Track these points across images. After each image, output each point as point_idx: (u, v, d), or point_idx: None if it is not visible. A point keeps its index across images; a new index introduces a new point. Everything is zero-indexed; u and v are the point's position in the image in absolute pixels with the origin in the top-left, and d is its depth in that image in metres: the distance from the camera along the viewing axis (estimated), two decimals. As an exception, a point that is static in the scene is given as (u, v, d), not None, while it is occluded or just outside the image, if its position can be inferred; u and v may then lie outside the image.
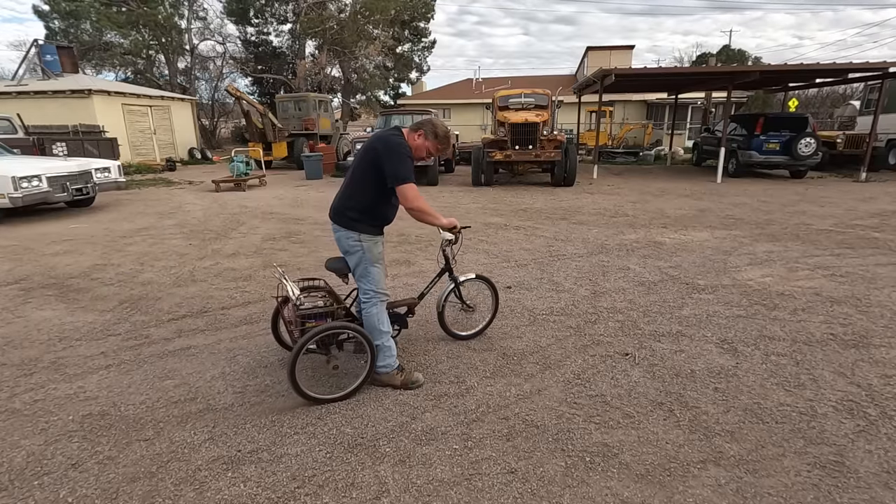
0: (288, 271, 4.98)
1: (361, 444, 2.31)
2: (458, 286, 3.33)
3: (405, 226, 7.19)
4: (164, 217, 8.04)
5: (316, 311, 2.73)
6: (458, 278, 3.31)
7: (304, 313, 2.68)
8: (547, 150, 10.81)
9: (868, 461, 2.15)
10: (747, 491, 1.99)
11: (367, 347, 2.70)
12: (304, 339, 2.52)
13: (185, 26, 25.82)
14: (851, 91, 27.07)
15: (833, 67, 11.38)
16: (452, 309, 3.45)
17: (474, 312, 3.49)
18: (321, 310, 2.74)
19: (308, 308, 2.71)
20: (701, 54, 36.39)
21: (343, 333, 2.76)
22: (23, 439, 2.35)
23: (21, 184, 7.07)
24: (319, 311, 2.73)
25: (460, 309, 3.45)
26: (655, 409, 2.57)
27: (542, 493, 1.99)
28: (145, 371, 3.00)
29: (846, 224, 7.02)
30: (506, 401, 2.66)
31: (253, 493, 2.01)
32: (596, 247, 5.91)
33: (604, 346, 3.28)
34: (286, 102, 17.09)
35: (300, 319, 2.67)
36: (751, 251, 5.61)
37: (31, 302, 4.19)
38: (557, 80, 25.31)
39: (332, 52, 24.23)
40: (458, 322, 3.55)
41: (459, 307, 3.43)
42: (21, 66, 18.21)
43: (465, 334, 3.45)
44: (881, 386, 2.75)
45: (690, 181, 12.07)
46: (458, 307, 3.43)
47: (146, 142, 17.35)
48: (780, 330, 3.50)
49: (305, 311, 2.69)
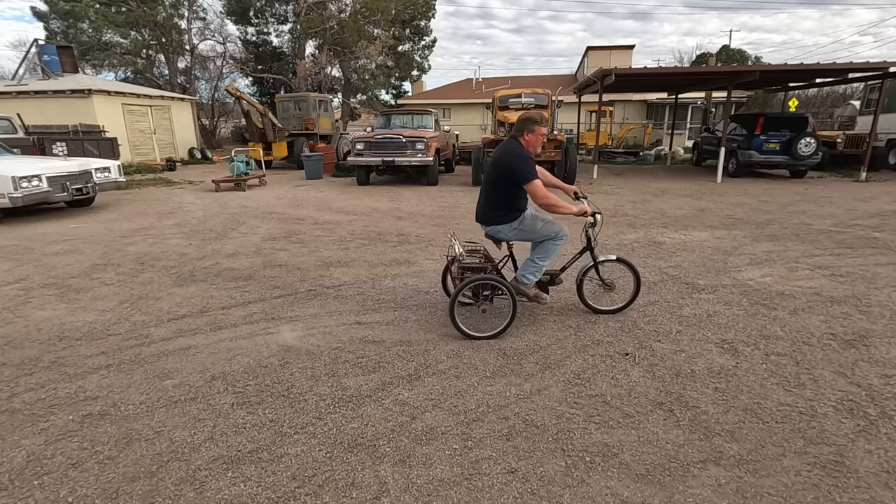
0: (288, 271, 4.98)
1: (361, 444, 2.31)
2: (598, 265, 3.69)
3: (405, 226, 7.19)
4: (164, 217, 8.04)
5: (473, 265, 3.52)
6: (598, 257, 3.69)
7: (464, 266, 3.50)
8: (547, 150, 10.81)
9: (868, 461, 2.15)
10: (747, 491, 1.99)
11: (511, 300, 3.35)
12: (462, 284, 3.31)
13: (184, 26, 25.82)
14: (851, 91, 27.07)
15: (833, 67, 11.37)
16: (591, 285, 3.81)
17: (613, 291, 3.79)
18: (477, 265, 3.52)
19: (468, 263, 3.53)
20: (701, 54, 36.39)
21: (492, 285, 3.37)
22: (23, 439, 2.35)
23: (21, 184, 7.07)
24: (476, 266, 3.51)
25: (598, 285, 3.77)
26: (655, 408, 2.57)
27: (542, 493, 1.99)
28: (145, 371, 3.00)
29: (846, 224, 7.02)
30: (506, 401, 2.66)
31: (253, 493, 2.01)
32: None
33: (604, 346, 3.28)
34: (286, 102, 17.09)
35: (461, 270, 3.48)
36: (751, 251, 5.61)
37: (31, 302, 4.19)
38: (557, 80, 25.31)
39: (332, 52, 24.20)
40: (597, 298, 3.87)
41: (598, 284, 3.76)
42: (21, 65, 18.23)
43: (602, 308, 3.82)
44: (881, 386, 2.75)
45: (690, 181, 12.07)
46: (598, 284, 3.77)
47: (146, 142, 17.35)
48: (780, 330, 3.50)
49: (465, 264, 3.52)
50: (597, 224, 3.50)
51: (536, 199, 3.25)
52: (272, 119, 15.38)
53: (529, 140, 3.35)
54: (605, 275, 3.75)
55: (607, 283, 3.75)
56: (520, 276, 3.52)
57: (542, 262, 3.50)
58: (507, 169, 3.30)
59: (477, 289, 3.38)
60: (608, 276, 3.77)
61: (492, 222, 3.50)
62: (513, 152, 3.33)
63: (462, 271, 3.48)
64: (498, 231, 3.51)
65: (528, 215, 3.45)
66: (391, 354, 3.19)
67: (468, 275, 3.44)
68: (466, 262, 3.54)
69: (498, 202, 3.44)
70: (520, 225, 3.43)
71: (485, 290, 3.41)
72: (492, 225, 3.51)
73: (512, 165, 3.28)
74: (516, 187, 3.31)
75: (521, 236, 3.50)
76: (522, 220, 3.43)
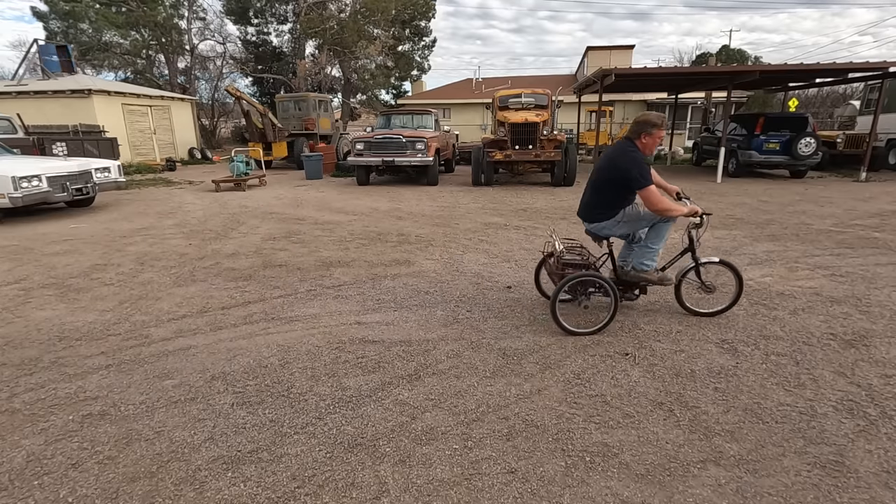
0: (288, 271, 4.98)
1: (361, 444, 2.31)
2: (699, 266, 3.61)
3: (405, 226, 7.19)
4: (164, 217, 8.04)
5: (574, 261, 3.54)
6: (699, 259, 3.60)
7: (565, 262, 3.52)
8: (547, 150, 10.81)
9: (868, 461, 2.15)
10: (747, 491, 1.99)
11: (612, 296, 3.34)
12: (564, 281, 3.30)
13: (184, 26, 25.82)
14: (851, 91, 27.07)
15: (833, 67, 11.37)
16: (689, 287, 3.72)
17: (712, 294, 3.71)
18: (578, 261, 3.54)
19: (569, 259, 3.54)
20: (701, 54, 36.39)
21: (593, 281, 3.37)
22: (23, 439, 2.35)
23: (21, 184, 7.07)
24: (577, 262, 3.53)
25: (697, 288, 3.69)
26: (655, 408, 2.57)
27: (542, 493, 1.99)
28: (145, 371, 3.00)
29: (846, 224, 7.02)
30: (506, 401, 2.66)
31: (253, 493, 2.01)
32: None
33: (604, 346, 3.28)
34: (286, 102, 17.09)
35: (561, 266, 3.48)
36: (751, 251, 5.61)
37: (31, 302, 4.19)
38: (557, 80, 25.31)
39: (332, 52, 24.21)
40: (696, 300, 3.81)
41: (697, 286, 3.67)
42: (21, 65, 18.23)
43: (701, 311, 3.73)
44: (881, 386, 2.75)
45: (690, 181, 12.06)
46: (696, 286, 3.68)
47: (146, 142, 17.36)
48: (780, 330, 3.50)
49: (567, 260, 3.53)
50: (703, 225, 3.42)
51: (651, 204, 3.20)
52: (272, 119, 15.38)
53: (646, 143, 3.30)
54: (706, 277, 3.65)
55: (707, 285, 3.66)
56: (637, 265, 3.49)
57: (656, 245, 3.45)
58: (621, 172, 3.26)
59: (576, 285, 3.37)
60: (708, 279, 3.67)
61: (595, 219, 3.51)
62: (627, 155, 3.28)
63: (563, 267, 3.49)
64: (602, 227, 3.50)
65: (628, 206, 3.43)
66: (391, 354, 3.19)
67: (569, 271, 3.44)
68: (567, 258, 3.56)
69: (603, 202, 3.43)
70: (623, 217, 3.41)
71: (585, 287, 3.41)
72: (595, 222, 3.51)
73: (627, 169, 3.23)
74: (626, 190, 3.31)
75: (627, 228, 3.48)
76: (624, 212, 3.41)
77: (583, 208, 3.63)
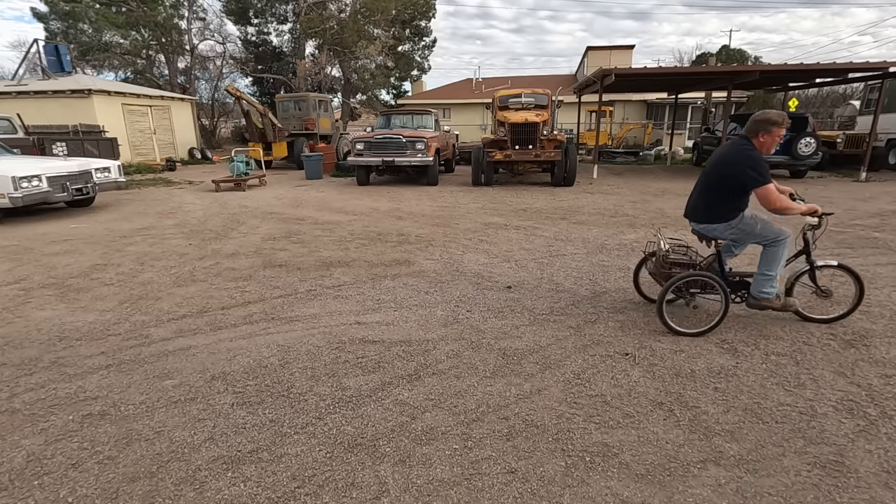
0: (288, 271, 4.98)
1: (361, 444, 2.31)
2: (814, 270, 3.45)
3: (405, 226, 7.19)
4: (164, 217, 8.04)
5: (682, 261, 3.51)
6: (814, 262, 3.44)
7: (673, 261, 3.49)
8: (547, 150, 10.81)
9: (868, 461, 2.15)
10: (747, 491, 1.99)
11: (723, 297, 3.29)
12: (672, 281, 3.27)
13: (184, 26, 25.83)
14: (851, 91, 27.08)
15: (833, 67, 11.37)
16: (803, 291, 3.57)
17: (828, 299, 3.56)
18: (686, 261, 3.51)
19: (676, 259, 3.52)
20: (701, 54, 36.40)
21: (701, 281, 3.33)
22: (23, 439, 2.36)
23: (21, 184, 7.07)
24: (684, 262, 3.50)
25: (812, 292, 3.54)
26: (655, 408, 2.57)
27: (542, 493, 1.99)
28: (145, 371, 3.00)
29: (846, 224, 7.02)
30: (506, 401, 2.66)
31: (253, 493, 2.01)
32: (596, 247, 5.91)
33: (604, 346, 3.28)
34: (286, 102, 17.09)
35: (668, 265, 3.47)
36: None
37: (31, 302, 4.19)
38: (557, 80, 25.31)
39: (332, 52, 24.21)
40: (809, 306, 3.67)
41: (811, 290, 3.53)
42: (21, 65, 18.23)
43: (815, 317, 3.56)
44: (881, 386, 2.75)
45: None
46: (811, 290, 3.54)
47: (146, 142, 17.36)
48: (780, 330, 3.50)
49: (675, 260, 3.50)
50: (821, 226, 3.26)
51: (769, 203, 3.10)
52: (272, 119, 15.38)
53: (764, 142, 3.18)
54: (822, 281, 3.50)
55: (823, 290, 3.50)
56: (757, 294, 3.38)
57: (772, 271, 3.32)
58: (737, 170, 3.17)
59: (683, 285, 3.34)
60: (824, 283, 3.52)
61: (706, 220, 3.40)
62: (744, 153, 3.18)
63: (670, 267, 3.47)
64: (713, 229, 3.39)
65: (747, 214, 3.31)
66: (391, 354, 3.19)
67: (677, 270, 3.40)
68: (674, 258, 3.53)
69: (717, 202, 3.33)
70: (738, 224, 3.29)
71: (692, 287, 3.36)
72: (706, 223, 3.41)
73: (744, 167, 3.13)
74: (741, 190, 3.21)
75: (737, 236, 3.37)
76: (742, 219, 3.29)
77: (692, 208, 3.52)
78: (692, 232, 3.55)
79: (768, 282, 3.34)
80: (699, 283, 3.34)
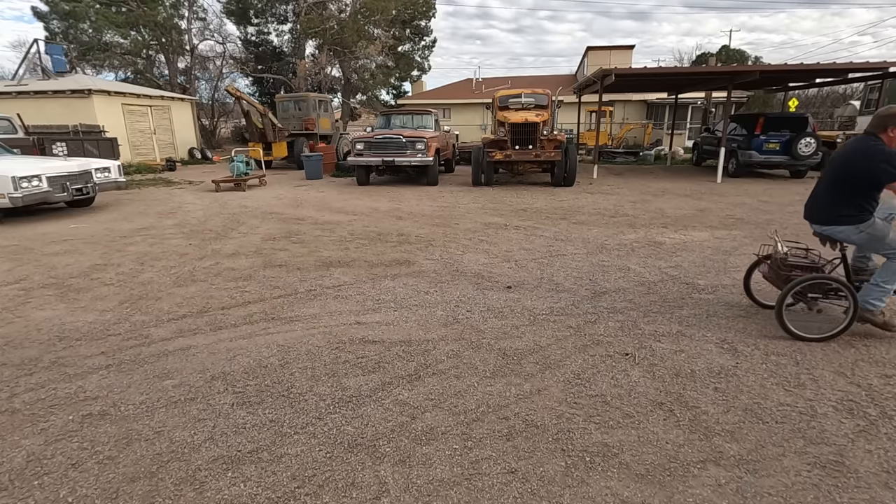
0: (288, 271, 4.98)
1: (361, 444, 2.31)
2: None
3: (405, 226, 7.19)
4: (164, 217, 8.04)
5: (804, 264, 3.40)
6: None
7: (792, 264, 3.38)
8: (547, 150, 10.81)
9: (868, 461, 2.15)
10: (747, 491, 1.99)
11: (851, 301, 3.16)
12: (793, 283, 3.17)
13: (184, 26, 25.82)
14: (851, 91, 27.08)
15: (833, 67, 11.37)
16: None
17: None
18: (807, 263, 3.40)
19: (797, 261, 3.41)
20: (701, 54, 36.40)
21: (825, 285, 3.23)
22: (23, 439, 2.35)
23: (21, 184, 7.07)
24: (805, 265, 3.39)
25: None
26: (655, 409, 2.57)
27: (542, 493, 1.99)
28: (145, 371, 3.00)
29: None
30: (506, 401, 2.66)
31: (253, 493, 2.01)
32: (596, 247, 5.91)
33: (604, 346, 3.28)
34: (286, 102, 17.09)
35: (788, 268, 3.36)
36: (751, 251, 5.60)
37: (31, 302, 4.19)
38: (557, 80, 25.31)
39: (332, 52, 24.21)
40: None
41: None
42: (21, 65, 18.23)
43: None
44: (881, 386, 2.75)
45: (690, 181, 12.06)
46: None
47: (146, 142, 17.35)
48: (780, 330, 3.49)
49: (794, 262, 3.39)
50: None
51: None
52: (272, 119, 15.38)
53: (893, 137, 3.09)
54: None
55: None
56: (863, 303, 3.26)
57: (889, 284, 3.20)
58: (868, 165, 3.07)
59: (804, 289, 3.22)
60: None
61: (832, 222, 3.27)
62: (874, 148, 3.09)
63: (790, 269, 3.35)
64: (838, 231, 3.26)
65: (879, 220, 3.20)
66: (391, 354, 3.19)
67: (797, 273, 3.28)
68: (794, 260, 3.41)
69: (845, 201, 3.20)
70: (869, 228, 3.15)
71: (812, 292, 3.24)
72: (831, 225, 3.28)
73: (877, 163, 3.03)
74: (876, 186, 3.11)
75: (865, 241, 3.23)
76: (873, 223, 3.15)
77: (815, 209, 3.39)
78: (814, 234, 3.43)
79: (879, 293, 3.24)
80: (822, 287, 3.21)
